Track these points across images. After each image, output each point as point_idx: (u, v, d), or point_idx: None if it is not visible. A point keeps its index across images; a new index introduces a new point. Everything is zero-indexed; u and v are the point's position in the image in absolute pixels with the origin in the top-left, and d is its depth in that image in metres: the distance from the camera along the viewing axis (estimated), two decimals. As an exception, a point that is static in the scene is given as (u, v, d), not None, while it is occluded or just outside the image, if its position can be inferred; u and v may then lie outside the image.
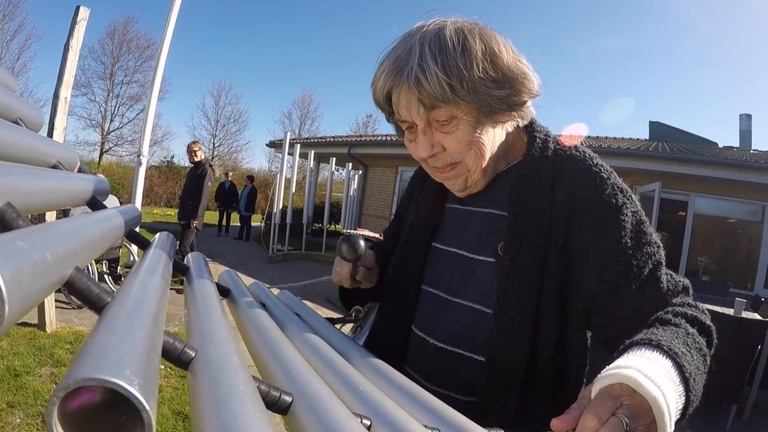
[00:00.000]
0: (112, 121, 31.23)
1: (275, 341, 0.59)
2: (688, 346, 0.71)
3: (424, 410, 0.55)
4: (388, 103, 0.91)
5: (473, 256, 1.00)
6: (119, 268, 6.13)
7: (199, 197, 6.95)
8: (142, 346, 0.31)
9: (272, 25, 58.37)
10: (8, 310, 0.26)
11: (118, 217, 0.75)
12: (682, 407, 0.63)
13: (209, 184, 7.13)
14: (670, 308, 0.83)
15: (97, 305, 0.41)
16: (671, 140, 14.33)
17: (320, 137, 24.07)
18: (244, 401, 0.34)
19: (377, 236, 7.55)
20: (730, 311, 4.49)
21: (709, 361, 0.75)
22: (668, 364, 0.65)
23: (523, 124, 0.96)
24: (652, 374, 0.59)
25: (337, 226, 16.22)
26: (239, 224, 14.91)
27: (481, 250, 0.99)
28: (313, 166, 13.57)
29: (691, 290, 0.92)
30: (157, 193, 27.24)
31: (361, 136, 24.23)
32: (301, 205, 15.07)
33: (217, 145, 37.13)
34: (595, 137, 15.26)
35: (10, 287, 0.26)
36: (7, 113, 0.76)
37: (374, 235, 7.71)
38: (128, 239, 0.87)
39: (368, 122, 40.87)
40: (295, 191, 12.85)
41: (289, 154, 11.76)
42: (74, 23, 4.39)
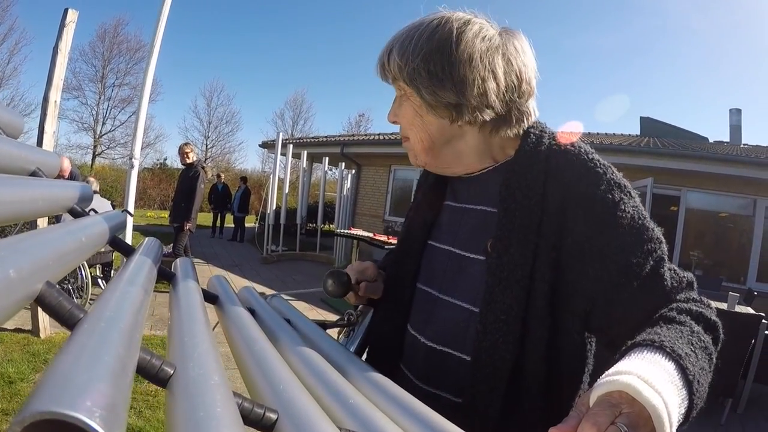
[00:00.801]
0: (104, 124, 31.22)
1: (262, 353, 0.57)
2: (692, 345, 0.69)
3: (417, 422, 0.53)
4: None
5: (465, 253, 0.98)
6: (113, 271, 6.08)
7: (192, 199, 6.93)
8: (109, 370, 0.29)
9: (263, 25, 58.30)
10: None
11: (99, 224, 0.73)
12: (685, 411, 0.62)
13: (202, 185, 7.11)
14: (674, 305, 0.81)
15: (69, 322, 0.39)
16: (662, 136, 14.36)
17: (313, 137, 24.03)
18: (221, 426, 0.32)
19: (371, 236, 7.54)
20: (723, 305, 4.51)
21: (715, 359, 0.73)
22: (671, 366, 0.63)
23: (511, 132, 0.94)
24: (652, 380, 0.57)
25: (331, 225, 16.19)
26: (233, 225, 14.88)
27: (472, 247, 0.97)
28: (306, 166, 13.55)
29: (695, 285, 0.89)
30: (150, 195, 27.10)
31: (353, 135, 24.21)
32: (294, 205, 15.05)
33: (209, 146, 37.09)
34: (586, 134, 15.26)
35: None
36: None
37: (368, 234, 7.68)
38: (112, 247, 0.85)
39: (361, 121, 40.97)
40: (288, 191, 12.82)
41: (281, 154, 11.72)
42: (63, 26, 4.36)
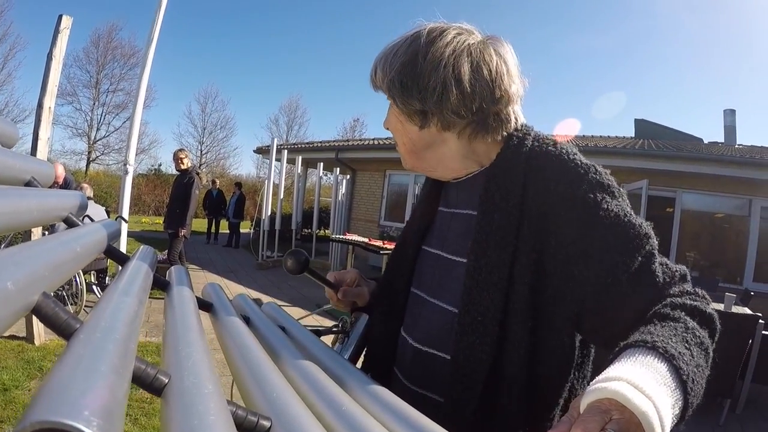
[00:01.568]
0: (98, 129, 31.13)
1: (255, 361, 0.57)
2: (687, 343, 0.68)
3: (409, 430, 0.54)
4: None
5: (451, 257, 1.00)
6: (108, 278, 6.06)
7: (187, 205, 6.91)
8: (106, 379, 0.29)
9: (257, 30, 58.30)
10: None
11: (94, 233, 0.73)
12: (680, 411, 0.61)
13: (197, 191, 7.10)
14: (668, 301, 0.80)
15: (65, 332, 0.39)
16: (657, 137, 14.41)
17: (307, 142, 24.02)
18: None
19: (366, 241, 7.54)
20: (720, 306, 4.52)
21: (711, 353, 0.72)
22: (663, 368, 0.62)
23: (492, 138, 0.96)
24: (642, 385, 0.57)
25: (326, 231, 16.17)
26: (228, 231, 14.86)
27: (458, 251, 0.99)
28: (300, 171, 13.56)
29: (689, 277, 0.88)
30: (145, 201, 27.03)
31: (348, 140, 24.18)
32: (289, 210, 15.06)
33: (204, 152, 37.02)
34: (581, 136, 15.33)
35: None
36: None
37: (363, 240, 7.67)
38: (107, 256, 0.85)
39: (355, 126, 40.92)
40: (283, 197, 12.81)
41: (276, 159, 11.74)
42: (57, 32, 4.35)
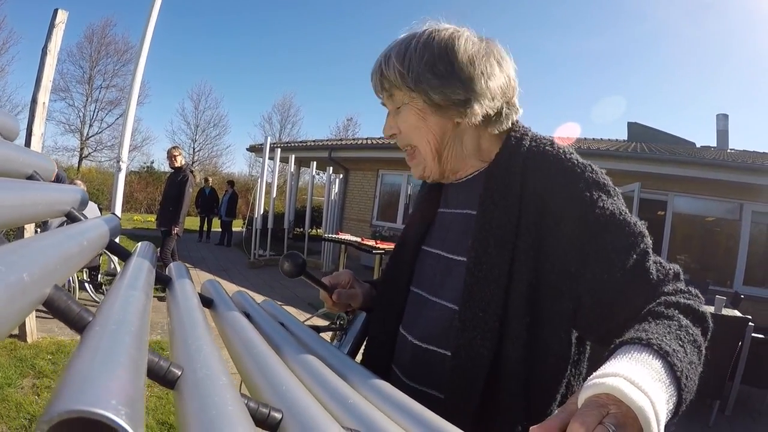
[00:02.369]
0: (91, 126, 30.73)
1: (262, 355, 0.57)
2: (681, 340, 0.70)
3: (414, 421, 0.55)
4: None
5: (451, 256, 1.02)
6: (100, 275, 6.03)
7: (180, 203, 6.86)
8: (127, 370, 0.30)
9: (251, 28, 58.11)
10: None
11: (96, 228, 0.73)
12: (674, 406, 0.63)
13: (190, 189, 7.06)
14: (662, 299, 0.81)
15: (78, 325, 0.39)
16: (649, 141, 14.51)
17: (301, 141, 23.99)
18: (234, 423, 0.33)
19: (359, 240, 7.54)
20: (710, 309, 4.55)
21: (704, 351, 0.74)
22: (658, 364, 0.64)
23: (500, 128, 0.99)
24: (639, 380, 0.58)
25: (318, 230, 16.14)
26: (220, 230, 14.80)
27: (457, 250, 1.01)
28: (293, 170, 13.50)
29: (682, 275, 0.90)
30: (137, 199, 26.90)
31: (341, 139, 24.16)
32: (282, 209, 14.99)
33: (197, 149, 36.72)
34: (574, 138, 15.39)
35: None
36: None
37: (356, 239, 7.67)
38: (109, 251, 0.85)
39: (349, 125, 40.81)
40: (276, 196, 12.78)
41: (269, 158, 11.69)
42: (52, 26, 4.31)
